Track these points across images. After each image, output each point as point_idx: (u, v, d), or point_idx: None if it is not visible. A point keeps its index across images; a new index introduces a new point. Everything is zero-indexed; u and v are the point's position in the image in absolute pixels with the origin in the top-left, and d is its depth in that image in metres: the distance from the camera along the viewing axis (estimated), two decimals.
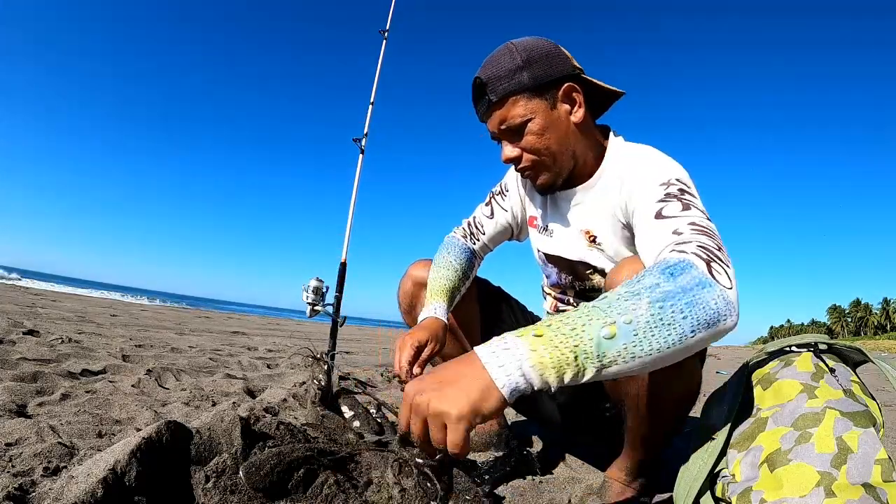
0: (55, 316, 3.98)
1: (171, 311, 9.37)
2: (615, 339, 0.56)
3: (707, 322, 0.60)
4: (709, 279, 0.62)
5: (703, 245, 0.67)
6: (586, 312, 0.58)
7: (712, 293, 0.61)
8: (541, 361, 0.54)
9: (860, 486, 0.62)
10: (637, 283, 0.62)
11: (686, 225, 0.73)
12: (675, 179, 0.84)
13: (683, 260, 0.65)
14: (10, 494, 0.69)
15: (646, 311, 0.58)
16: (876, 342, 54.62)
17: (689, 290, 0.61)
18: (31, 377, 1.54)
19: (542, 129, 0.95)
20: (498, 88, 0.93)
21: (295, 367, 2.66)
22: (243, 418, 0.86)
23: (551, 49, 0.96)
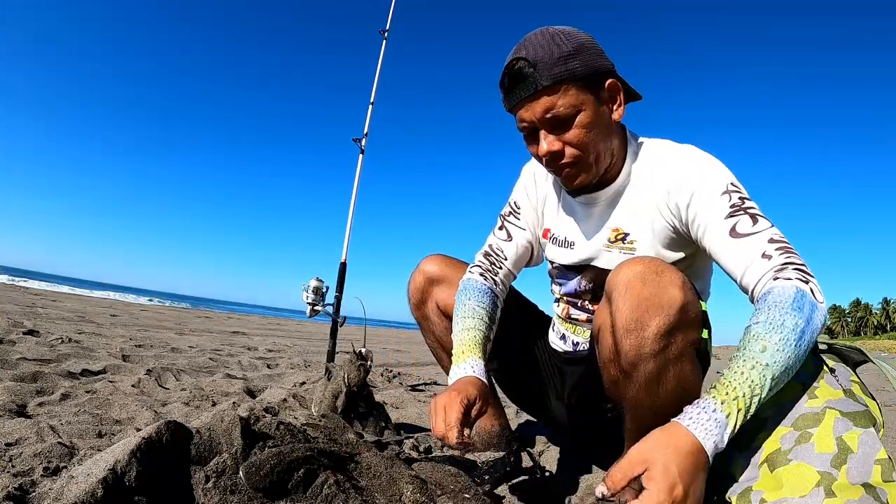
0: (55, 316, 3.98)
1: (171, 311, 9.37)
2: (776, 385, 0.68)
3: (816, 335, 0.73)
4: (816, 303, 0.73)
5: (798, 267, 0.76)
6: (762, 373, 0.67)
7: (819, 314, 0.73)
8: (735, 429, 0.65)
9: (860, 486, 0.62)
10: (783, 327, 0.70)
11: (768, 244, 0.80)
12: (731, 185, 0.87)
13: (798, 290, 0.73)
14: (10, 494, 0.69)
15: (794, 354, 0.69)
16: (876, 342, 54.64)
17: (810, 319, 0.72)
18: (31, 377, 1.54)
19: (591, 122, 0.89)
20: (550, 73, 0.85)
21: (295, 367, 2.66)
22: (243, 418, 0.86)
23: (594, 41, 0.91)
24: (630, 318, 0.79)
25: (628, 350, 0.80)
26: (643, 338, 0.78)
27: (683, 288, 0.79)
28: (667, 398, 0.83)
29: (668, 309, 0.77)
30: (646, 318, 0.78)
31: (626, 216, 1.00)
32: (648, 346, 0.78)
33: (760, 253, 0.79)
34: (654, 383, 0.82)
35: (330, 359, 2.23)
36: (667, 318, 0.77)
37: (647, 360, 0.80)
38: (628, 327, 0.79)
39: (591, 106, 0.89)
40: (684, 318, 0.79)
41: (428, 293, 1.24)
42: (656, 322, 0.77)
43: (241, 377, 2.13)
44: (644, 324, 0.78)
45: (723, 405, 0.65)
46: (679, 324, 0.78)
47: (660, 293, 0.78)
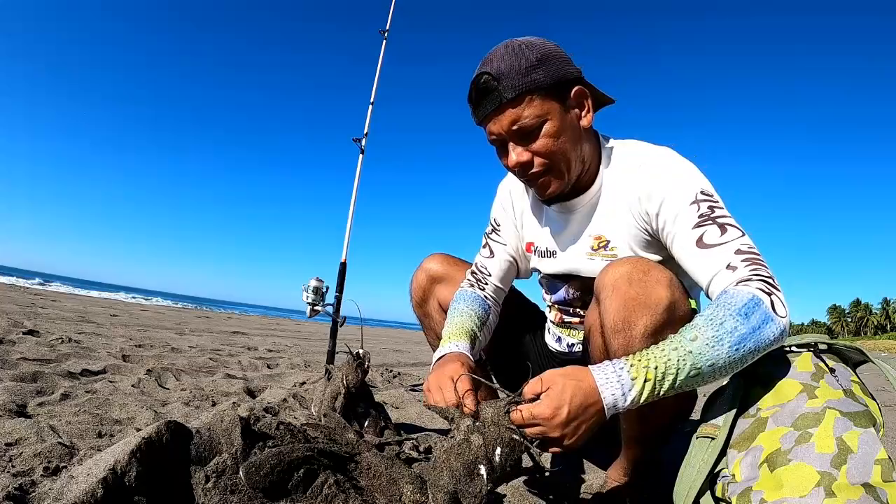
0: (55, 316, 3.98)
1: (171, 311, 9.37)
2: (697, 378, 0.70)
3: (765, 349, 0.73)
4: (771, 314, 0.73)
5: (762, 277, 0.76)
6: (683, 357, 0.69)
7: (773, 327, 0.73)
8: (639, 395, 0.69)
9: (860, 486, 0.62)
10: (720, 327, 0.71)
11: (734, 255, 0.79)
12: (700, 194, 0.86)
13: (753, 297, 0.73)
14: (10, 494, 0.69)
15: (726, 355, 0.70)
16: (876, 342, 54.61)
17: (758, 328, 0.71)
18: (31, 377, 1.54)
19: (557, 131, 0.90)
20: (515, 84, 0.86)
21: (295, 367, 2.66)
22: (243, 418, 0.86)
23: (559, 50, 0.92)
24: (618, 319, 0.80)
25: (617, 349, 0.81)
26: (631, 337, 0.79)
27: (670, 286, 0.80)
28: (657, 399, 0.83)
29: (655, 308, 0.79)
30: (633, 317, 0.79)
31: (604, 223, 0.99)
32: (637, 345, 0.79)
33: (726, 264, 0.78)
34: None
35: (330, 359, 2.23)
36: (654, 317, 0.78)
37: None
38: (616, 327, 0.80)
39: (557, 114, 0.89)
40: (672, 317, 0.80)
41: (430, 291, 1.25)
42: (643, 321, 0.79)
43: (241, 377, 2.13)
44: (632, 323, 0.79)
45: (632, 368, 0.69)
46: (667, 322, 0.79)
47: (646, 292, 0.79)
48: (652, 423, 0.89)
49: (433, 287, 1.25)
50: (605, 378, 0.68)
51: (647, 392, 0.68)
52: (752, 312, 0.72)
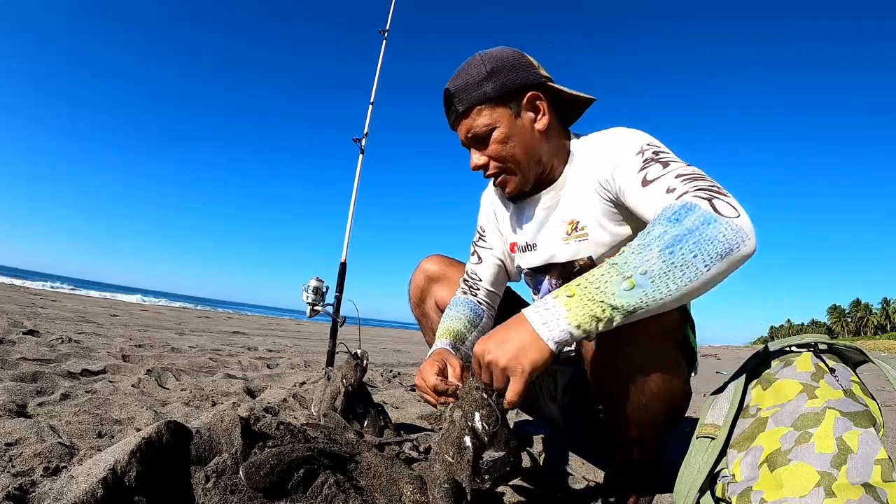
0: (55, 316, 3.98)
1: (171, 311, 9.37)
2: (635, 290, 0.65)
3: (719, 254, 0.66)
4: (713, 215, 0.68)
5: (701, 187, 0.72)
6: (607, 270, 0.67)
7: (719, 226, 0.67)
8: (576, 318, 0.66)
9: (860, 486, 0.62)
10: (647, 235, 0.68)
11: (674, 178, 0.77)
12: (645, 145, 0.87)
13: (685, 204, 0.70)
14: (10, 494, 0.69)
15: (657, 259, 0.66)
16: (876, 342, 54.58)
17: (696, 229, 0.67)
18: (31, 377, 1.54)
19: (505, 137, 0.97)
20: (464, 99, 0.96)
21: (295, 367, 2.66)
22: (243, 418, 0.86)
23: (516, 58, 0.97)
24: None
25: (607, 351, 0.82)
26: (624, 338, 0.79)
27: None
28: (652, 395, 0.84)
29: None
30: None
31: (573, 207, 1.01)
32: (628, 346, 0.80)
33: (666, 188, 0.77)
34: (638, 382, 0.83)
35: (330, 359, 2.23)
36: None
37: (627, 360, 0.81)
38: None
39: (505, 121, 0.96)
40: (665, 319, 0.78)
41: (427, 291, 1.27)
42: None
43: (241, 377, 2.13)
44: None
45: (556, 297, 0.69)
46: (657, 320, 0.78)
47: None
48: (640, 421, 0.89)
49: (431, 287, 1.27)
50: (533, 309, 0.69)
51: (577, 310, 0.66)
52: (685, 216, 0.69)
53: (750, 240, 0.68)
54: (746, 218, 0.69)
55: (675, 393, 0.86)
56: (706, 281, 0.67)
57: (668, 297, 0.66)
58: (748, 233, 0.68)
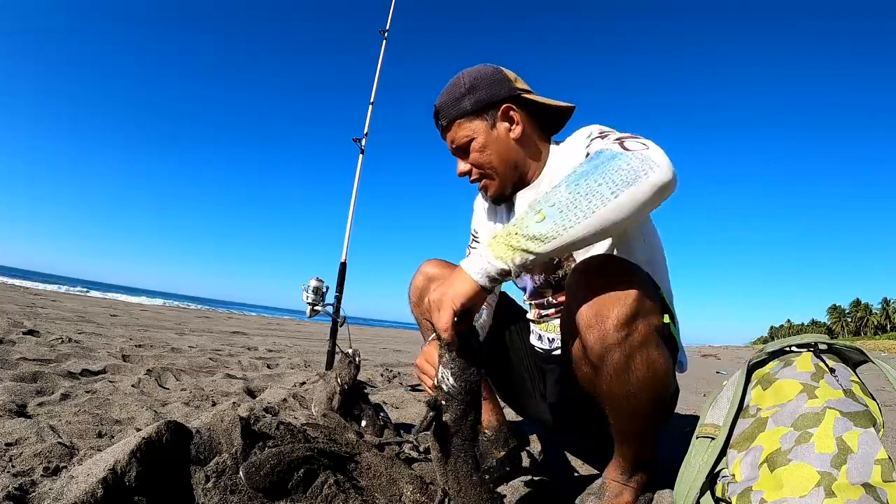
0: (55, 316, 3.98)
1: (171, 311, 9.37)
2: (545, 221, 0.73)
3: (625, 181, 0.72)
4: (620, 151, 0.76)
5: (618, 137, 0.80)
6: (526, 210, 0.76)
7: (625, 158, 0.74)
8: (496, 252, 0.74)
9: (860, 486, 0.62)
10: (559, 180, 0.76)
11: (602, 140, 0.85)
12: (596, 130, 0.95)
13: (598, 149, 0.79)
14: (10, 494, 0.69)
15: (565, 192, 0.74)
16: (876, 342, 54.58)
17: (602, 164, 0.75)
18: (31, 377, 1.54)
19: (482, 146, 1.07)
20: (447, 114, 1.07)
21: (295, 367, 2.66)
22: (243, 418, 0.86)
23: (493, 74, 1.07)
24: (590, 315, 0.83)
25: (593, 344, 0.83)
26: (605, 330, 0.81)
27: (637, 277, 0.84)
28: (639, 385, 0.85)
29: (625, 299, 0.81)
30: (604, 311, 0.81)
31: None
32: (611, 337, 0.81)
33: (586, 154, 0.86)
34: (623, 372, 0.84)
35: (330, 359, 2.23)
36: (624, 308, 0.81)
37: (612, 351, 0.82)
38: (589, 323, 0.83)
39: (482, 132, 1.06)
40: (642, 306, 0.82)
41: (426, 292, 1.27)
42: (615, 313, 0.81)
43: (241, 377, 2.13)
44: (604, 317, 0.81)
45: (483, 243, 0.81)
46: (637, 312, 0.81)
47: (615, 286, 0.82)
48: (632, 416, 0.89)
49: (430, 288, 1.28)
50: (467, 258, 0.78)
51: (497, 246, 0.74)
52: (596, 158, 0.77)
53: (660, 167, 0.72)
54: (657, 150, 0.75)
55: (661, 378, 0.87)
56: (616, 208, 0.71)
57: (577, 223, 0.72)
58: (657, 161, 0.73)
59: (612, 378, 0.85)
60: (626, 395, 0.86)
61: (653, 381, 0.85)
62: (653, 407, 0.89)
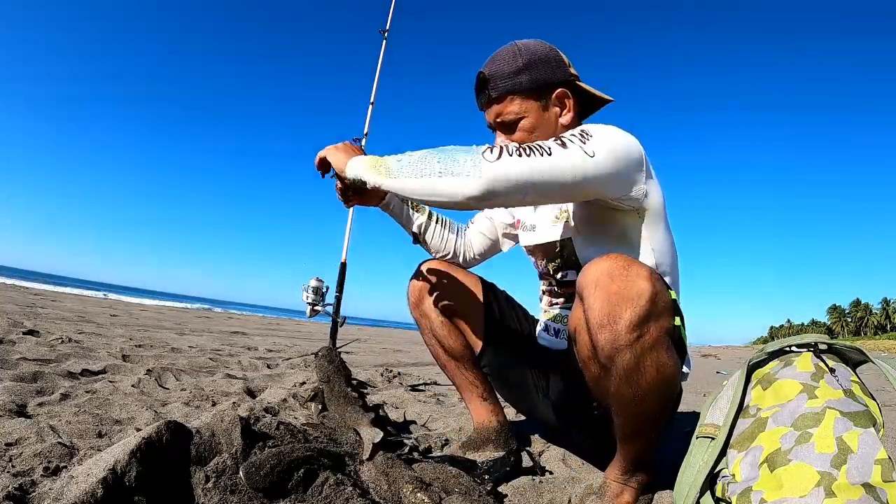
0: (55, 316, 3.98)
1: (171, 311, 9.37)
2: (400, 162, 0.89)
3: (451, 171, 0.83)
4: (474, 150, 0.85)
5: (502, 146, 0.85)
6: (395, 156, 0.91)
7: (470, 156, 0.83)
8: (368, 164, 0.94)
9: (860, 486, 0.62)
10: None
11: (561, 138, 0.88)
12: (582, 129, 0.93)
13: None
14: (10, 494, 0.69)
15: (418, 154, 0.88)
16: (876, 342, 54.59)
17: (456, 151, 0.85)
18: (31, 377, 1.54)
19: (532, 127, 1.05)
20: (499, 86, 1.03)
21: (295, 367, 2.66)
22: (243, 418, 0.86)
23: (552, 54, 1.05)
24: (602, 314, 0.82)
25: (604, 344, 0.83)
26: (616, 331, 0.81)
27: (651, 279, 0.82)
28: (648, 387, 0.85)
29: (638, 300, 0.80)
30: (617, 311, 0.81)
31: None
32: (623, 338, 0.81)
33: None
34: (633, 373, 0.83)
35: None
36: (637, 309, 0.80)
37: (623, 352, 0.82)
38: (601, 322, 0.82)
39: (534, 112, 1.05)
40: (654, 308, 0.81)
41: (425, 291, 1.28)
42: (628, 314, 0.80)
43: (241, 377, 2.13)
44: (616, 317, 0.81)
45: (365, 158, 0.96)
46: (650, 313, 0.81)
47: (628, 286, 0.81)
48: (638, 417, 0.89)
49: (429, 287, 1.29)
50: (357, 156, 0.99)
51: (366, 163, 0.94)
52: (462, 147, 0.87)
53: (478, 179, 0.81)
54: (495, 166, 0.82)
55: (670, 381, 0.87)
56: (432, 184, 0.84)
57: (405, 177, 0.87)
58: (482, 171, 0.82)
59: (622, 379, 0.84)
60: (634, 396, 0.85)
61: (661, 383, 0.85)
62: (659, 409, 0.89)
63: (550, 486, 1.12)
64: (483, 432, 1.29)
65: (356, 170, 0.94)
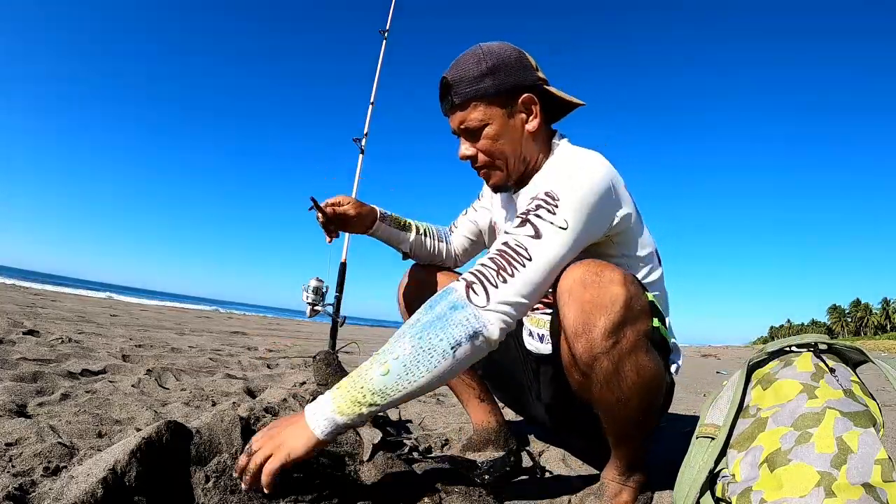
0: (55, 316, 3.98)
1: (171, 311, 9.37)
2: (390, 375, 0.73)
3: (462, 338, 0.75)
4: (462, 301, 0.77)
5: (478, 270, 0.80)
6: (371, 359, 0.76)
7: (464, 312, 0.76)
8: (339, 407, 0.73)
9: (860, 486, 0.62)
10: (405, 325, 0.77)
11: (496, 246, 0.84)
12: (545, 192, 0.87)
13: (447, 289, 0.80)
14: (10, 494, 0.69)
15: (408, 346, 0.74)
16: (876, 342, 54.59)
17: (443, 315, 0.76)
18: (31, 377, 1.54)
19: (496, 134, 1.00)
20: (461, 92, 0.98)
21: (295, 367, 2.66)
22: (243, 418, 0.86)
23: (517, 58, 1.00)
24: (577, 323, 0.82)
25: (581, 353, 0.83)
26: (592, 339, 0.81)
27: (625, 284, 0.82)
28: (630, 390, 0.85)
29: (612, 307, 0.80)
30: (591, 319, 0.81)
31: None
32: (598, 346, 0.81)
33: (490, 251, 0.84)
34: (613, 379, 0.84)
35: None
36: (611, 316, 0.80)
37: (600, 359, 0.82)
38: (577, 331, 0.82)
39: (498, 119, 1.00)
40: (629, 313, 0.82)
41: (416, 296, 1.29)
42: (602, 322, 0.80)
43: (241, 377, 2.13)
44: (590, 325, 0.81)
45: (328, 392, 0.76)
46: (625, 319, 0.81)
47: (601, 294, 0.81)
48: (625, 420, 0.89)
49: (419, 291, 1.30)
50: (312, 404, 0.76)
51: (340, 399, 0.73)
52: (440, 302, 0.78)
53: (493, 326, 0.77)
54: (495, 308, 0.77)
55: (652, 383, 0.87)
56: (458, 360, 0.75)
57: (420, 378, 0.73)
58: (492, 321, 0.77)
59: (603, 385, 0.85)
60: (617, 401, 0.86)
61: (643, 386, 0.85)
62: (645, 410, 0.89)
63: (550, 486, 1.12)
64: (482, 433, 1.29)
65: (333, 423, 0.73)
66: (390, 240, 1.31)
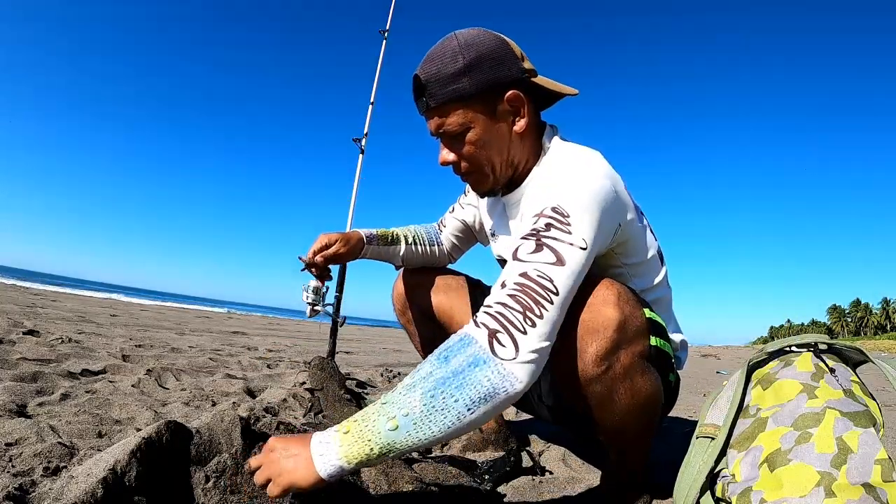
0: (55, 316, 3.98)
1: (171, 311, 9.37)
2: (399, 430, 0.66)
3: (481, 398, 0.66)
4: (485, 355, 0.67)
5: (501, 314, 0.69)
6: (378, 408, 0.69)
7: (486, 370, 0.66)
8: (346, 455, 0.67)
9: (860, 486, 0.62)
10: (417, 373, 0.69)
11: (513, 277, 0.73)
12: (551, 208, 0.78)
13: (464, 337, 0.70)
14: (10, 494, 0.69)
15: (419, 403, 0.66)
16: (876, 342, 54.58)
17: (460, 372, 0.67)
18: (31, 377, 1.54)
19: (480, 140, 0.89)
20: (437, 93, 0.86)
21: (295, 367, 2.66)
22: (243, 418, 0.86)
23: (499, 50, 0.87)
24: (568, 346, 0.79)
25: (572, 378, 0.81)
26: (584, 364, 0.78)
27: (618, 304, 0.78)
28: (624, 412, 0.83)
29: (604, 332, 0.77)
30: (582, 345, 0.78)
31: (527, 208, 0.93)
32: (590, 372, 0.78)
33: (502, 281, 0.74)
34: (606, 402, 0.82)
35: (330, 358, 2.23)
36: (603, 342, 0.77)
37: (593, 384, 0.80)
38: (569, 355, 0.79)
39: (481, 123, 0.88)
40: (623, 336, 0.78)
41: (410, 298, 1.30)
42: (593, 348, 0.77)
43: (241, 377, 2.13)
44: (582, 350, 0.78)
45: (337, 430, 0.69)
46: (618, 343, 0.78)
47: (593, 317, 0.77)
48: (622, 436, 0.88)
49: (413, 294, 1.30)
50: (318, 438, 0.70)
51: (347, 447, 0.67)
52: (455, 355, 0.68)
53: (520, 382, 0.67)
54: (525, 359, 0.67)
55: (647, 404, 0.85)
56: (471, 422, 0.67)
57: (431, 437, 0.66)
58: (519, 377, 0.67)
59: (596, 408, 0.83)
60: (612, 421, 0.84)
61: (638, 407, 0.83)
62: (642, 426, 0.88)
63: (550, 486, 1.12)
64: (482, 433, 1.29)
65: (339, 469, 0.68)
66: (381, 258, 1.29)
